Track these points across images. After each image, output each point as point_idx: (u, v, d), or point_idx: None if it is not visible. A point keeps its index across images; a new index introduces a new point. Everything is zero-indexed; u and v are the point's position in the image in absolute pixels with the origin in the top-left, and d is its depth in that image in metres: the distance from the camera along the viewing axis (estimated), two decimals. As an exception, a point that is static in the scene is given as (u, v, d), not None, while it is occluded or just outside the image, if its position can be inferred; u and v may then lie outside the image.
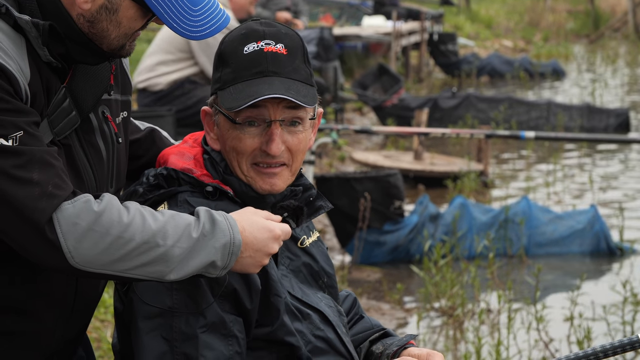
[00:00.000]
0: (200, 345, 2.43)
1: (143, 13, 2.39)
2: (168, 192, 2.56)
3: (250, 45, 2.56)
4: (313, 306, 2.64)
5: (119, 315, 2.58)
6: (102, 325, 6.01)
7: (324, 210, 2.70)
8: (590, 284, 8.03)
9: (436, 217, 8.62)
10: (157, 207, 2.53)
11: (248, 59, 2.55)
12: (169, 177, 2.59)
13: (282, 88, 2.52)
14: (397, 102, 14.79)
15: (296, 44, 2.60)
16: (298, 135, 2.60)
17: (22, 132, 2.24)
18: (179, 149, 2.69)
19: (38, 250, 2.26)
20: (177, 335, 2.43)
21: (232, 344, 2.46)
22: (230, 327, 2.47)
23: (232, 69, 2.56)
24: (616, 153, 14.05)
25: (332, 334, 2.64)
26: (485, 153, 11.63)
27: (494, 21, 32.24)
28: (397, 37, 18.89)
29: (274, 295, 2.54)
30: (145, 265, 2.31)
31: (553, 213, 9.15)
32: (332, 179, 8.41)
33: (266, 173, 2.58)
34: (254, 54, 2.55)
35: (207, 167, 2.62)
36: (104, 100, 2.54)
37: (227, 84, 2.56)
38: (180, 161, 2.63)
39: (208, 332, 2.44)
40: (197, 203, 2.51)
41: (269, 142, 2.55)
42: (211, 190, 2.56)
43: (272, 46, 2.56)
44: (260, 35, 2.57)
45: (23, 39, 2.32)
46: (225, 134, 2.59)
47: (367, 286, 7.88)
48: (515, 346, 6.53)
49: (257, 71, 2.54)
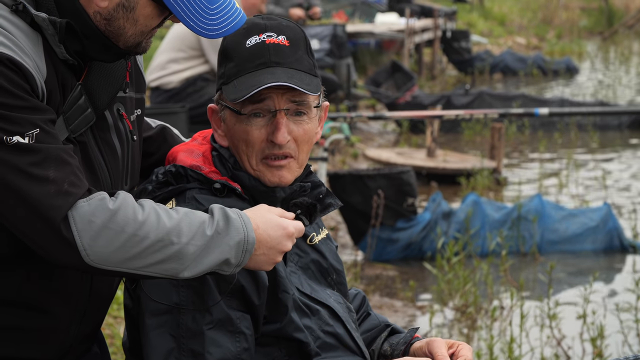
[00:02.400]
0: (207, 342, 2.44)
1: (160, 11, 2.39)
2: (176, 189, 2.57)
3: (253, 38, 2.57)
4: (322, 302, 2.64)
5: (128, 312, 2.59)
6: (115, 322, 6.03)
7: (334, 208, 2.70)
8: (603, 281, 8.03)
9: (449, 214, 8.62)
10: (166, 204, 2.53)
11: (250, 52, 2.56)
12: (178, 174, 2.60)
13: (284, 77, 2.53)
14: (410, 100, 14.79)
15: (298, 35, 2.61)
16: (304, 125, 2.60)
17: (39, 130, 2.25)
18: (187, 146, 2.69)
19: (53, 248, 2.26)
20: (184, 331, 2.44)
21: (239, 341, 2.47)
22: (237, 324, 2.47)
23: (235, 62, 2.57)
24: (629, 149, 14.02)
25: (342, 329, 2.64)
26: (498, 150, 11.61)
27: (507, 18, 32.18)
28: (410, 34, 18.87)
29: (282, 292, 2.54)
30: (159, 262, 2.32)
31: (566, 210, 9.14)
32: (345, 176, 8.42)
33: (274, 166, 2.58)
34: (257, 46, 2.56)
35: (215, 164, 2.63)
36: (119, 98, 2.55)
37: (230, 77, 2.58)
38: (189, 158, 2.64)
39: (215, 329, 2.45)
40: (205, 200, 2.52)
41: (275, 132, 2.56)
42: (219, 187, 2.56)
43: (274, 38, 2.57)
44: (262, 28, 2.58)
45: (40, 37, 2.33)
46: (232, 128, 2.60)
47: (379, 283, 7.88)
48: (528, 343, 6.52)
49: (260, 62, 2.55)
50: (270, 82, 2.51)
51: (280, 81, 2.52)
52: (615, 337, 6.59)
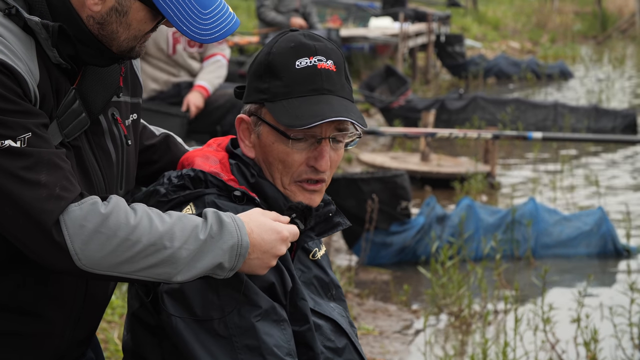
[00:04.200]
0: (259, 334, 2.44)
1: (153, 16, 2.39)
2: (194, 193, 2.56)
3: (303, 60, 2.56)
4: (327, 315, 2.65)
5: (134, 314, 2.58)
6: (109, 326, 6.02)
7: (342, 227, 2.72)
8: (597, 285, 8.03)
9: (443, 218, 8.62)
10: (183, 208, 2.53)
11: (302, 75, 2.55)
12: (197, 178, 2.58)
13: (342, 109, 2.55)
14: (404, 104, 14.78)
15: (341, 60, 2.63)
16: (338, 151, 2.64)
17: (31, 134, 2.24)
18: (204, 152, 2.69)
19: (45, 252, 2.26)
20: (234, 330, 2.44)
21: (284, 328, 2.48)
22: (280, 312, 2.48)
23: (284, 82, 2.56)
24: (623, 153, 14.04)
25: (345, 342, 2.66)
26: (492, 154, 11.62)
27: (501, 23, 32.23)
28: (404, 38, 18.89)
29: (300, 299, 2.56)
30: (152, 267, 2.31)
31: (560, 214, 9.14)
32: (339, 180, 8.41)
33: (309, 190, 2.61)
34: (308, 70, 2.56)
35: (233, 172, 2.63)
36: (114, 103, 2.55)
37: (278, 97, 2.56)
38: (207, 164, 2.63)
39: (262, 320, 2.45)
40: (224, 206, 2.52)
41: (319, 159, 2.58)
42: (239, 194, 2.56)
43: (324, 63, 2.57)
44: (312, 51, 2.57)
45: (33, 41, 2.33)
46: (270, 145, 2.60)
47: (374, 287, 7.88)
48: (522, 347, 6.52)
49: (313, 88, 2.55)
50: (334, 117, 2.52)
51: (341, 115, 2.53)
52: (609, 341, 6.59)
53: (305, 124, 2.52)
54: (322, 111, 2.53)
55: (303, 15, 15.08)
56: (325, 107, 2.54)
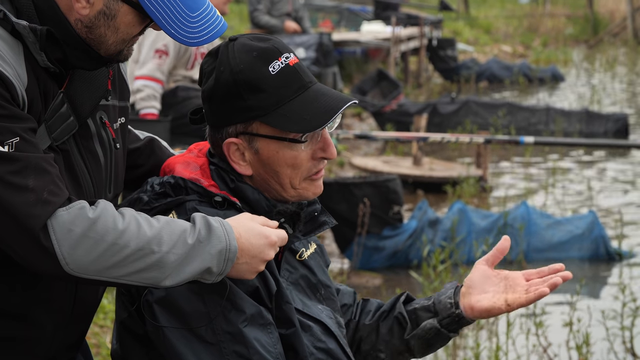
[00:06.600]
0: (247, 339, 2.43)
1: (141, 19, 2.39)
2: (175, 200, 2.54)
3: (274, 64, 2.53)
4: (314, 317, 2.64)
5: (122, 322, 2.57)
6: (101, 331, 6.01)
7: (328, 227, 2.70)
8: (589, 289, 8.03)
9: (435, 222, 8.63)
10: (166, 215, 2.51)
11: (281, 78, 2.53)
12: (177, 185, 2.57)
13: (337, 95, 2.57)
14: (396, 108, 14.79)
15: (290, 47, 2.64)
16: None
17: (19, 139, 2.24)
18: (184, 158, 2.67)
19: (33, 257, 2.25)
20: (222, 336, 2.43)
21: (271, 332, 2.48)
22: (266, 315, 2.48)
23: (268, 93, 2.52)
24: (615, 157, 14.06)
25: (334, 345, 2.64)
26: (484, 158, 11.63)
27: (492, 26, 32.27)
28: (396, 42, 18.90)
29: (285, 303, 2.55)
30: (140, 271, 2.30)
31: (552, 218, 9.15)
32: (331, 184, 8.41)
33: (316, 179, 2.62)
34: (284, 71, 2.54)
35: (213, 177, 2.61)
36: (102, 106, 2.54)
37: (270, 108, 2.53)
38: (187, 170, 2.61)
39: (249, 325, 2.44)
40: (206, 212, 2.49)
41: (326, 148, 2.60)
42: (220, 200, 2.55)
43: (291, 58, 2.56)
44: (275, 52, 2.54)
45: (20, 45, 2.32)
46: (275, 156, 2.57)
47: (366, 292, 7.87)
48: (514, 351, 6.52)
49: (298, 87, 2.54)
50: (342, 105, 2.53)
51: (344, 101, 2.55)
52: (601, 344, 6.59)
53: (321, 123, 2.52)
54: (327, 104, 2.54)
55: (295, 19, 15.10)
56: (325, 99, 2.54)
